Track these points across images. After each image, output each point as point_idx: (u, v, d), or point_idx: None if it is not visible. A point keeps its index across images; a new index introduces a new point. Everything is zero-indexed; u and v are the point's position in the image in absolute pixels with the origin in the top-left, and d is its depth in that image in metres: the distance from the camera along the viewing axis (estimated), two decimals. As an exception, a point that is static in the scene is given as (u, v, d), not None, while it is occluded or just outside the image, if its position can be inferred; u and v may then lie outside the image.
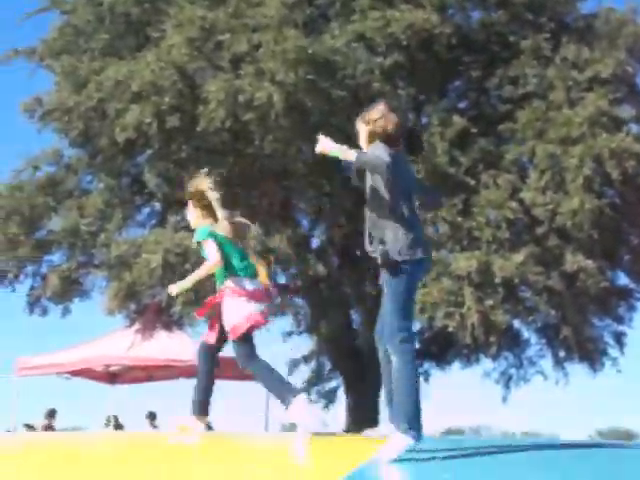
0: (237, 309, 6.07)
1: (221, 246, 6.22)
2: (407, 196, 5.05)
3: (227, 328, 6.09)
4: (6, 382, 15.56)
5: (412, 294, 5.01)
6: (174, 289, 6.22)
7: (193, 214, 6.57)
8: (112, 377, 16.01)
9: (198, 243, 6.32)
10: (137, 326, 14.71)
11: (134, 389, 17.44)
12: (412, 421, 4.52)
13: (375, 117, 5.18)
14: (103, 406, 16.18)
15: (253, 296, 6.16)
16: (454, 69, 15.07)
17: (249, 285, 6.20)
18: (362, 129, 5.25)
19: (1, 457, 4.93)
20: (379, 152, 4.85)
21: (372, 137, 5.13)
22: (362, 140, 5.26)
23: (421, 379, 18.68)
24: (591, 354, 16.46)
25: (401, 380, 4.64)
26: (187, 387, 15.97)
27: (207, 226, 6.33)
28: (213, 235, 6.24)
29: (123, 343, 14.46)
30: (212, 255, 6.15)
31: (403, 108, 14.65)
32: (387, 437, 4.59)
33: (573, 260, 12.69)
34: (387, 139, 5.06)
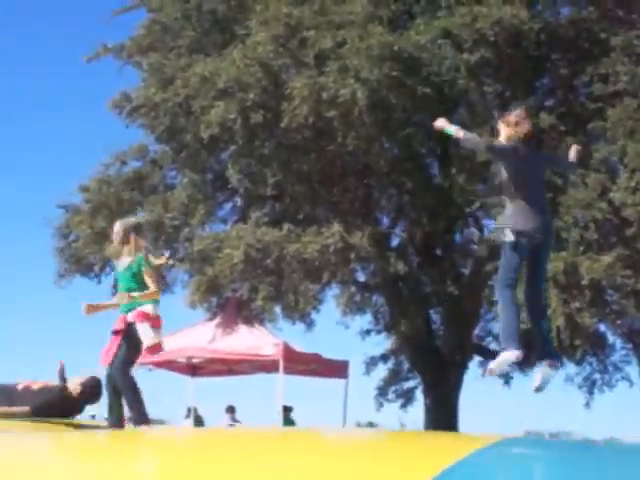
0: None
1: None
2: (525, 184, 5.79)
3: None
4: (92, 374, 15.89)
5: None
6: None
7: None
8: (193, 369, 16.19)
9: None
10: (218, 319, 14.86)
11: (214, 382, 17.62)
12: (510, 342, 5.68)
13: (513, 121, 5.83)
14: (184, 398, 16.42)
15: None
16: (542, 66, 14.75)
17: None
18: (502, 128, 5.88)
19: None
20: (492, 140, 5.89)
21: (508, 139, 5.81)
22: (502, 137, 5.87)
23: (502, 382, 18.56)
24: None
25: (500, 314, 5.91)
26: (266, 381, 16.12)
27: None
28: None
29: (205, 336, 14.60)
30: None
31: (489, 105, 14.46)
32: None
33: (663, 263, 12.30)
34: (520, 141, 5.82)
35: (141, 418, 6.66)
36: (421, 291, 16.26)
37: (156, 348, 6.85)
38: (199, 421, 15.99)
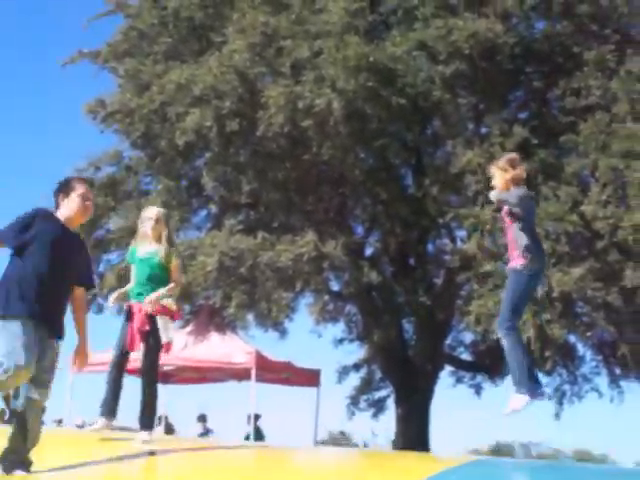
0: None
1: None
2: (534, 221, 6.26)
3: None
4: (61, 378, 15.78)
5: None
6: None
7: None
8: (165, 376, 16.11)
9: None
10: (191, 327, 14.83)
11: (186, 389, 17.54)
12: (523, 385, 5.69)
13: (514, 165, 6.06)
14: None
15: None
16: (516, 79, 14.90)
17: None
18: (499, 174, 6.05)
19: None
20: (521, 192, 5.94)
21: (515, 182, 6.00)
22: (498, 182, 6.06)
23: (472, 392, 18.67)
24: (649, 373, 16.11)
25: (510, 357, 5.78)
26: (238, 389, 16.08)
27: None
28: None
29: (176, 343, 14.52)
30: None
31: (463, 117, 14.57)
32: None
33: (633, 276, 12.40)
34: (523, 183, 6.11)
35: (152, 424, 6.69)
36: (394, 301, 16.31)
37: (169, 347, 6.81)
38: (169, 429, 15.93)
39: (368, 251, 16.95)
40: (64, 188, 5.35)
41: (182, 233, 15.58)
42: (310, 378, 15.29)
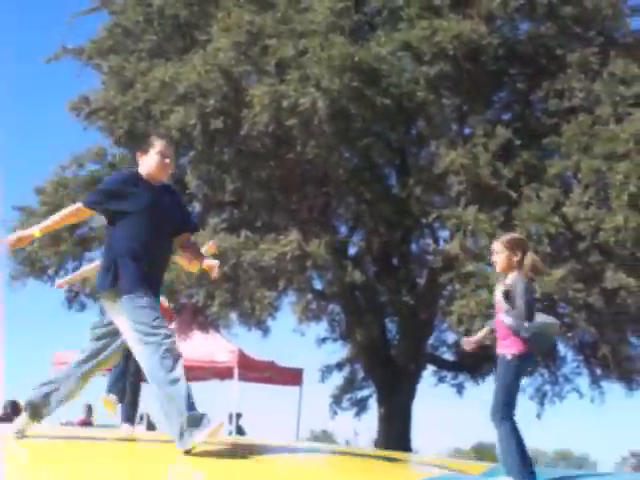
0: None
1: None
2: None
3: None
4: (44, 376, 15.72)
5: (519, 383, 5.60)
6: None
7: None
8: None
9: None
10: (173, 325, 14.80)
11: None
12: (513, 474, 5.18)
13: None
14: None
15: None
16: (500, 80, 14.98)
17: None
18: (504, 252, 5.57)
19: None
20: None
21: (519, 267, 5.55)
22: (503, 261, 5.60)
23: (454, 391, 18.75)
24: (629, 373, 16.24)
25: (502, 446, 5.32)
26: (220, 388, 16.07)
27: None
28: None
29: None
30: None
31: (447, 118, 14.62)
32: None
33: (614, 277, 12.49)
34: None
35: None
36: (377, 300, 16.36)
37: None
38: (151, 427, 15.88)
39: (351, 250, 16.97)
40: (143, 146, 5.26)
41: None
42: (293, 377, 15.33)
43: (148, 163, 5.16)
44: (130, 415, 6.86)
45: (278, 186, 14.70)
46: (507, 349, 5.33)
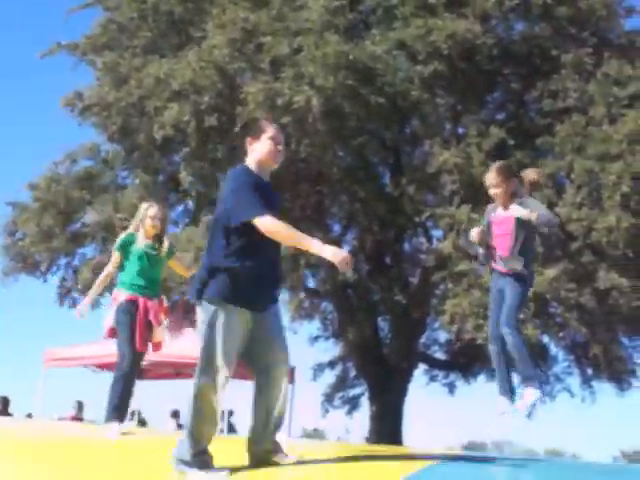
0: None
1: None
2: None
3: None
4: (35, 372, 15.72)
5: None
6: None
7: None
8: (139, 372, 16.06)
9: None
10: (166, 322, 14.77)
11: (160, 385, 17.48)
12: (533, 378, 5.77)
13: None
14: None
15: None
16: (494, 80, 15.00)
17: None
18: (501, 186, 5.87)
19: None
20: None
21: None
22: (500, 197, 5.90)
23: (446, 390, 18.80)
24: (619, 373, 16.29)
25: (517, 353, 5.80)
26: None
27: None
28: None
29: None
30: None
31: (441, 117, 14.63)
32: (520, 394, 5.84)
33: (606, 278, 12.54)
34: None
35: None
36: (370, 299, 16.38)
37: (160, 346, 6.88)
38: (142, 424, 15.86)
39: (345, 249, 16.95)
40: (253, 131, 4.94)
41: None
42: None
43: (260, 150, 4.89)
44: (123, 414, 6.82)
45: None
46: (515, 264, 5.75)
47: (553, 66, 13.87)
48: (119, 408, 6.68)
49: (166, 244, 6.98)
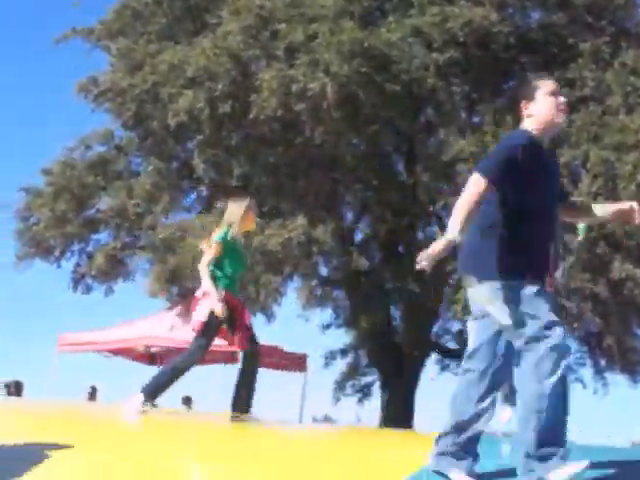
0: None
1: None
2: None
3: None
4: (48, 357, 15.82)
5: None
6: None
7: None
8: (152, 358, 16.15)
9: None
10: (179, 309, 14.81)
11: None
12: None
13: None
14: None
15: None
16: (510, 69, 14.87)
17: None
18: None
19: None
20: None
21: None
22: None
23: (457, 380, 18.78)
24: (633, 365, 16.24)
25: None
26: (225, 372, 16.09)
27: None
28: None
29: (164, 325, 14.56)
30: None
31: (456, 105, 14.54)
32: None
33: (621, 268, 12.47)
34: None
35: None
36: (382, 287, 16.34)
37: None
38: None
39: (358, 237, 16.96)
40: (525, 92, 4.28)
41: (172, 215, 15.55)
42: (297, 363, 15.35)
43: (540, 109, 4.21)
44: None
45: (285, 171, 14.65)
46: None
47: (570, 55, 13.74)
48: (157, 394, 6.69)
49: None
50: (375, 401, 18.20)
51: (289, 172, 14.75)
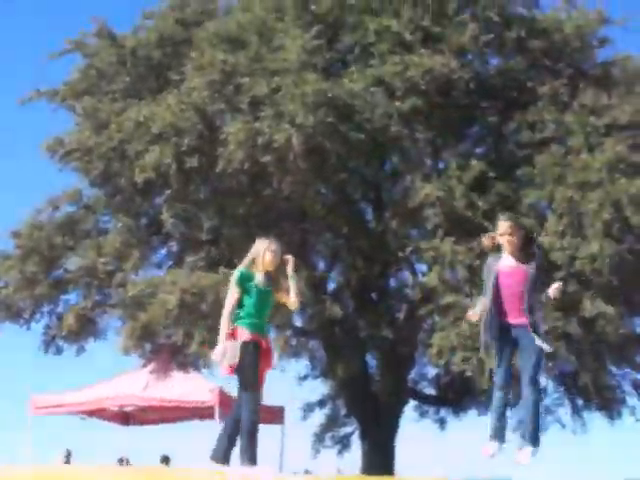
0: None
1: None
2: None
3: None
4: (21, 420, 15.49)
5: None
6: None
7: None
8: (126, 418, 15.89)
9: None
10: (152, 366, 14.65)
11: (148, 430, 17.26)
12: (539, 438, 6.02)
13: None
14: (117, 448, 16.06)
15: None
16: (472, 114, 15.13)
17: None
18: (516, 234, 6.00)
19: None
20: None
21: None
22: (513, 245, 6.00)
23: (437, 426, 18.66)
24: (609, 402, 16.23)
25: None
26: (202, 429, 15.86)
27: None
28: None
29: (138, 383, 14.37)
30: None
31: (421, 152, 14.74)
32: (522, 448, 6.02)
33: (592, 306, 12.54)
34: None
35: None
36: (357, 335, 16.29)
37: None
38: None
39: (330, 286, 16.94)
40: None
41: (142, 272, 15.45)
42: (274, 415, 15.15)
43: None
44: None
45: (255, 223, 14.66)
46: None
47: (530, 98, 14.06)
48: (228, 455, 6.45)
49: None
50: (355, 451, 18.00)
51: (259, 223, 14.77)
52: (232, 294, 6.40)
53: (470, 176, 13.26)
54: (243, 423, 6.23)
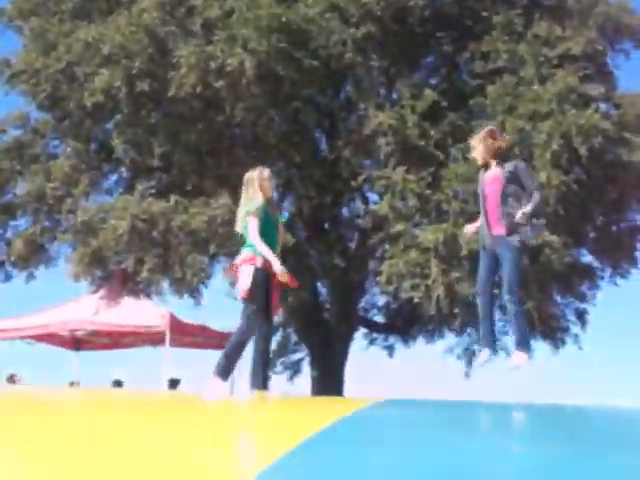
0: None
1: None
2: None
3: None
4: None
5: None
6: None
7: None
8: (77, 343, 15.86)
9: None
10: (102, 292, 14.60)
11: (99, 355, 17.29)
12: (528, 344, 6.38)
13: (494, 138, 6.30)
14: (67, 373, 16.06)
15: None
16: (426, 43, 15.08)
17: None
18: (480, 147, 6.34)
19: None
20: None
21: (495, 154, 6.30)
22: (479, 154, 6.41)
23: (385, 353, 19.02)
24: (553, 331, 16.65)
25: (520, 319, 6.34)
26: (152, 354, 15.95)
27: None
28: None
29: (88, 309, 14.31)
30: None
31: (375, 81, 14.66)
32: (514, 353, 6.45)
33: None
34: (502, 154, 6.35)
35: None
36: (308, 264, 16.41)
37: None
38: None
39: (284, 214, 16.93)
40: None
41: (92, 198, 15.27)
42: (225, 341, 15.26)
43: None
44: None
45: (207, 150, 14.56)
46: (509, 234, 6.07)
47: (484, 28, 14.00)
48: (229, 371, 6.61)
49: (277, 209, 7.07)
50: (305, 378, 18.30)
51: (211, 151, 14.67)
52: (256, 225, 6.58)
53: (423, 105, 13.26)
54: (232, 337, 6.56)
